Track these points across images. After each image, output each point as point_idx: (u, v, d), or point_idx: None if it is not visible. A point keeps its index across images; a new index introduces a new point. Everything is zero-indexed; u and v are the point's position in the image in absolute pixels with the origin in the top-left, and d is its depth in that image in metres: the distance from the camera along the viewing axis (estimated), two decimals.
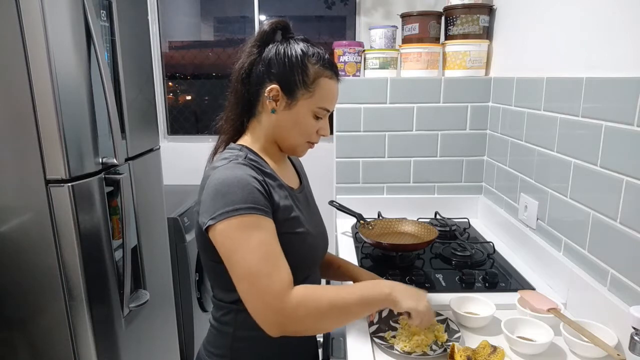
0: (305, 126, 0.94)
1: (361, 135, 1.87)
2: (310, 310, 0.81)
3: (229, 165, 0.86)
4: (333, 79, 0.94)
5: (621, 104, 1.00)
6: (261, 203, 0.83)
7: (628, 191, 0.99)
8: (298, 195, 1.00)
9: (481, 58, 1.80)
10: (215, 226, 0.81)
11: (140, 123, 1.67)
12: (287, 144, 0.97)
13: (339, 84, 0.96)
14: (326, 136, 0.99)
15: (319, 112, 0.93)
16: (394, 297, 0.89)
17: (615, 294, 1.03)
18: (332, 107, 0.95)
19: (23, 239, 1.30)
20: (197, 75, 3.14)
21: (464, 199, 1.92)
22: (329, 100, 0.94)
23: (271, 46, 0.92)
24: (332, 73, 0.94)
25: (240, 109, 0.97)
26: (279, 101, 0.91)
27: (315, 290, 0.83)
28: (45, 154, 1.24)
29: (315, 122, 0.94)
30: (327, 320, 0.85)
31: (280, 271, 0.80)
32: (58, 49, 1.21)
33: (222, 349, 0.96)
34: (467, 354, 0.91)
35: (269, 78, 0.91)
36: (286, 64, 0.90)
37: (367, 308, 0.89)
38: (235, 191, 0.81)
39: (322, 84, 0.91)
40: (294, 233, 0.92)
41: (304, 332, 0.85)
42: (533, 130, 1.44)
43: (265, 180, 0.88)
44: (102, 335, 1.41)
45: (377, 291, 0.89)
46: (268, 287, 0.79)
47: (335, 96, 0.95)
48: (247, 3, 2.86)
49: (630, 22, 1.00)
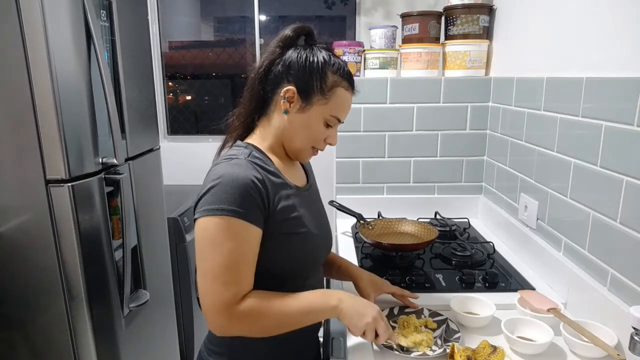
0: (314, 132, 0.95)
1: (361, 135, 1.87)
2: (255, 319, 0.85)
3: (230, 163, 0.87)
4: (349, 91, 0.95)
5: (621, 104, 1.00)
6: (250, 208, 0.84)
7: (628, 191, 0.99)
8: (304, 194, 1.00)
9: (481, 58, 1.80)
10: (199, 219, 0.84)
11: (140, 123, 1.67)
12: (293, 146, 0.97)
13: (352, 96, 0.98)
14: (333, 145, 1.00)
15: (330, 120, 0.95)
16: (340, 309, 0.89)
17: (615, 294, 1.03)
18: (343, 117, 0.97)
19: (23, 239, 1.30)
20: (197, 75, 3.14)
21: (464, 199, 1.92)
22: (342, 110, 0.95)
23: (293, 50, 0.94)
24: (349, 85, 0.95)
25: (253, 106, 0.98)
26: (294, 103, 0.92)
27: (263, 301, 0.86)
28: (45, 154, 1.24)
29: (325, 129, 0.96)
30: (271, 328, 0.88)
31: (238, 282, 0.83)
32: (58, 49, 1.21)
33: (222, 347, 0.96)
34: (467, 354, 0.91)
35: (287, 79, 0.92)
36: (307, 68, 0.91)
37: (312, 318, 0.90)
38: (227, 190, 0.82)
39: (338, 93, 0.93)
40: (294, 233, 0.92)
41: (247, 335, 0.89)
42: (533, 130, 1.44)
43: (266, 180, 0.89)
44: (102, 335, 1.41)
45: (324, 302, 0.90)
46: (221, 294, 0.82)
47: (348, 107, 0.97)
48: (247, 3, 2.86)
49: (630, 22, 1.00)
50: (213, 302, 0.83)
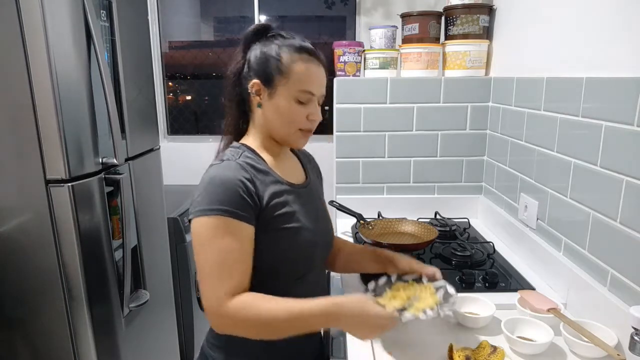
0: (289, 113, 0.94)
1: (361, 135, 1.87)
2: (248, 317, 0.84)
3: (221, 165, 0.91)
4: (310, 62, 0.94)
5: (621, 104, 1.00)
6: (240, 207, 0.86)
7: (628, 191, 0.99)
8: (300, 191, 1.00)
9: (481, 58, 1.80)
10: (193, 220, 0.87)
11: (140, 123, 1.67)
12: (279, 135, 0.98)
13: (320, 67, 0.96)
14: (317, 121, 0.97)
15: (300, 96, 0.93)
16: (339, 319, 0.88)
17: (615, 294, 1.03)
18: (314, 89, 0.94)
19: (23, 239, 1.30)
20: (197, 75, 3.15)
21: (464, 199, 1.92)
22: (308, 82, 0.93)
23: (252, 47, 0.97)
24: (308, 56, 0.94)
25: (237, 112, 1.01)
26: (262, 94, 0.95)
27: (257, 300, 0.85)
28: (45, 154, 1.25)
29: (301, 107, 0.94)
30: (266, 329, 0.87)
31: (229, 279, 0.85)
32: (58, 49, 1.21)
33: (221, 340, 0.98)
34: (467, 354, 0.91)
35: (251, 75, 0.95)
36: (263, 57, 0.94)
37: (307, 327, 0.88)
38: (218, 191, 0.86)
39: (296, 68, 0.92)
40: (286, 228, 0.93)
41: (244, 336, 0.88)
42: (533, 130, 1.44)
43: (255, 179, 0.91)
44: (102, 335, 1.41)
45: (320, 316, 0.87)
46: (213, 290, 0.84)
47: (314, 77, 0.94)
48: (247, 3, 2.86)
49: (630, 22, 1.00)
50: (207, 298, 0.85)
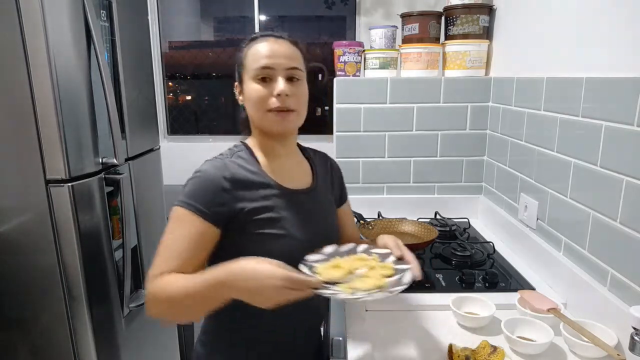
0: (254, 94, 0.94)
1: (361, 135, 1.87)
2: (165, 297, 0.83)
3: (211, 161, 0.94)
4: (263, 41, 0.96)
5: (621, 104, 1.00)
6: (206, 205, 0.88)
7: (628, 191, 0.99)
8: (298, 197, 0.98)
9: (481, 58, 1.80)
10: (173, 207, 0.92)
11: (140, 123, 1.67)
12: (257, 123, 0.99)
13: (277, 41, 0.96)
14: (281, 93, 0.92)
15: (256, 74, 0.94)
16: (229, 284, 0.78)
17: (615, 294, 1.03)
18: (268, 62, 0.93)
19: (23, 239, 1.30)
20: (197, 75, 3.15)
21: (464, 199, 1.92)
22: (260, 58, 0.94)
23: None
24: (261, 37, 0.97)
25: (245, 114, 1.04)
26: (240, 92, 1.00)
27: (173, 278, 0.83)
28: (45, 154, 1.25)
29: (263, 86, 0.93)
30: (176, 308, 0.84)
31: (165, 260, 0.86)
32: (58, 49, 1.21)
33: (209, 335, 1.00)
34: (466, 354, 0.91)
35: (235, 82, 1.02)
36: (236, 62, 1.00)
37: (207, 300, 0.82)
38: (194, 186, 0.90)
39: (249, 51, 0.96)
40: (267, 233, 0.91)
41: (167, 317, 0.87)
42: (533, 130, 1.44)
43: (238, 179, 0.91)
44: (102, 335, 1.41)
45: (216, 285, 0.79)
46: (152, 269, 0.87)
47: (267, 51, 0.94)
48: (247, 3, 2.86)
49: (630, 22, 1.00)
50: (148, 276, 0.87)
